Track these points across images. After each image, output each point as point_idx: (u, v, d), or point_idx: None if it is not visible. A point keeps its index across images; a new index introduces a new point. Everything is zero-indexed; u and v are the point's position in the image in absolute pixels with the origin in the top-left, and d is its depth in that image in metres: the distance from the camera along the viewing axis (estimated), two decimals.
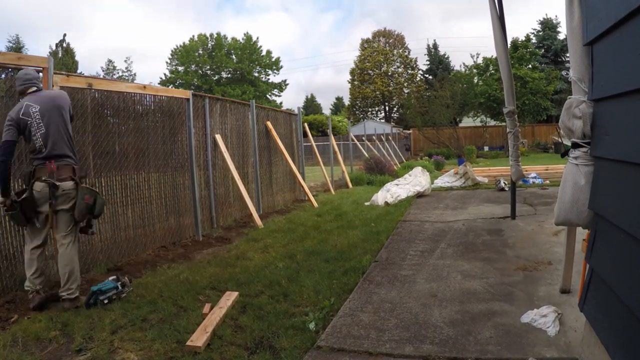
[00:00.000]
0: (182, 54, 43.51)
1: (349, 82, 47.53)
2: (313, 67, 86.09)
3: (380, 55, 45.71)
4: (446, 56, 43.66)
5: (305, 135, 10.43)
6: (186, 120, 5.74)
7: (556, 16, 33.85)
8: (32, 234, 3.32)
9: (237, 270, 4.15)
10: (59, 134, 3.30)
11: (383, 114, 47.71)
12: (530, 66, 24.96)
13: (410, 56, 46.14)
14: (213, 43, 44.31)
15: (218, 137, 6.44)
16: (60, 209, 3.29)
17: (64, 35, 37.42)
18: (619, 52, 1.60)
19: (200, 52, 44.10)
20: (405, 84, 45.69)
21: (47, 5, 54.79)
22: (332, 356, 2.48)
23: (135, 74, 40.37)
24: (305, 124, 10.94)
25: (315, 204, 8.26)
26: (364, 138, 17.52)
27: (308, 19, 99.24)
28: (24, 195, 3.21)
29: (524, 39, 25.48)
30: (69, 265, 3.29)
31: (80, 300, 3.32)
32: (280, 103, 46.43)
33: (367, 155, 14.90)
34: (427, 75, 43.80)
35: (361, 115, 45.46)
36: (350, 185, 11.72)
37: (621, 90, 1.58)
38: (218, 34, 44.51)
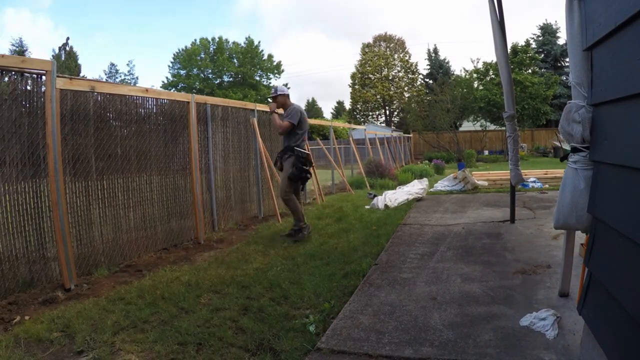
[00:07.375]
0: (184, 58, 43.87)
1: (350, 86, 47.71)
2: (314, 70, 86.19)
3: (381, 59, 45.88)
4: (446, 61, 43.89)
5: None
6: (188, 123, 5.77)
7: (556, 21, 34.20)
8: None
9: (238, 273, 4.16)
10: None
11: (384, 118, 47.84)
12: (530, 71, 25.11)
13: (410, 60, 46.35)
14: (215, 47, 44.62)
15: None
16: None
17: (67, 38, 37.71)
18: (618, 57, 1.60)
19: (202, 55, 44.40)
20: (406, 88, 45.86)
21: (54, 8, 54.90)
22: (332, 358, 2.49)
23: (137, 78, 40.86)
24: None
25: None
26: (365, 142, 17.51)
27: (308, 21, 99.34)
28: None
29: (523, 44, 25.64)
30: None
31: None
32: None
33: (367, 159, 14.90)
34: (427, 80, 44.01)
35: (362, 119, 45.57)
36: (350, 189, 11.73)
37: (620, 95, 1.59)
38: (220, 37, 45.00)
